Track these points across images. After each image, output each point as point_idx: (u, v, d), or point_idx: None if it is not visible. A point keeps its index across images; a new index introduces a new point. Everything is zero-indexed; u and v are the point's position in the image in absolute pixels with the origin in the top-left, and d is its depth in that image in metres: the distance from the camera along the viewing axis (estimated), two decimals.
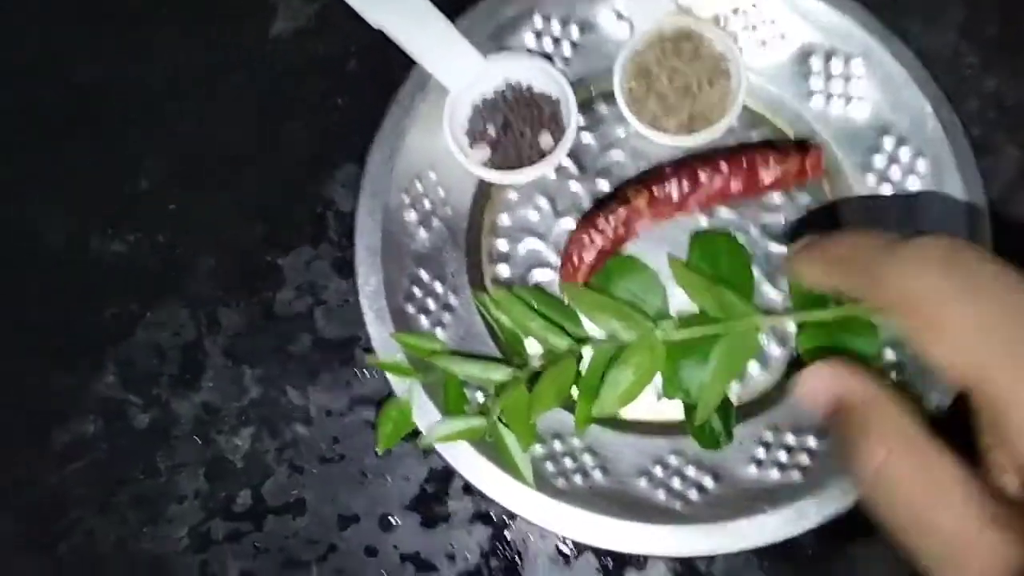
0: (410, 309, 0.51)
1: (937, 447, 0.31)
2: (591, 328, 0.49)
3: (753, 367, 0.50)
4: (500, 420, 0.48)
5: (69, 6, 0.59)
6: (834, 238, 0.37)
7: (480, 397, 0.50)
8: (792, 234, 0.52)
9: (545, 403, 0.47)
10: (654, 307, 0.49)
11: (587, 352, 0.48)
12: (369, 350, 0.51)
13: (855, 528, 0.49)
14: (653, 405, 0.50)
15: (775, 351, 0.51)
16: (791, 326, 0.50)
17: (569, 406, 0.49)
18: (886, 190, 0.51)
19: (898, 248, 0.33)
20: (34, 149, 0.58)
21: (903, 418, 0.32)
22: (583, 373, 0.48)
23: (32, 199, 0.57)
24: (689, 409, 0.48)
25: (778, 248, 0.52)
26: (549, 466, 0.49)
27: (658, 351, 0.47)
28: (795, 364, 0.51)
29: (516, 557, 0.51)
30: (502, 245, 0.54)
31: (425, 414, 0.49)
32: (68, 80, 0.58)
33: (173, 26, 0.59)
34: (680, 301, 0.49)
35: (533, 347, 0.50)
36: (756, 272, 0.51)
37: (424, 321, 0.51)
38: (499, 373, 0.48)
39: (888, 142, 0.51)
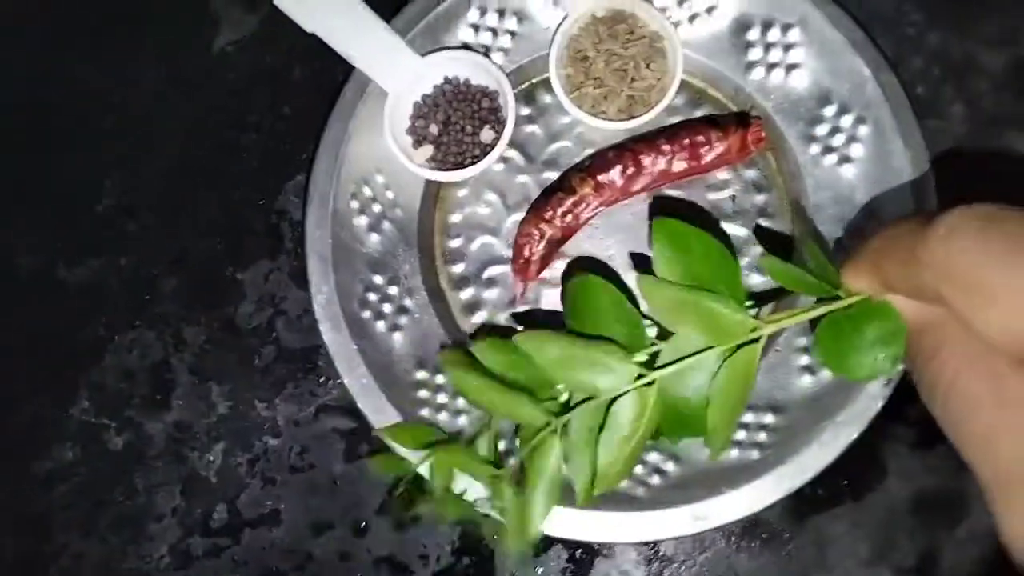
0: (366, 315, 0.52)
1: (1007, 360, 0.30)
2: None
3: None
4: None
5: (23, 31, 0.60)
6: (871, 239, 0.36)
7: None
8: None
9: (537, 512, 0.42)
10: (630, 332, 0.41)
11: (569, 415, 0.41)
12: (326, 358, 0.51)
13: (818, 502, 0.50)
14: None
15: None
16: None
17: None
18: (830, 159, 0.50)
19: (934, 223, 0.31)
20: None
21: (973, 336, 0.31)
22: (570, 438, 0.41)
23: None
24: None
25: (732, 228, 0.51)
26: (511, 462, 0.49)
27: (649, 397, 0.39)
28: None
29: (487, 553, 0.51)
30: (455, 243, 0.54)
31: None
32: (16, 106, 0.59)
33: (119, 48, 0.59)
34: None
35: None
36: None
37: (380, 325, 0.52)
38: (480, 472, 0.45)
39: (829, 110, 0.50)
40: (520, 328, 0.52)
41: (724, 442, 0.40)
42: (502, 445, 0.48)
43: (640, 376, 0.39)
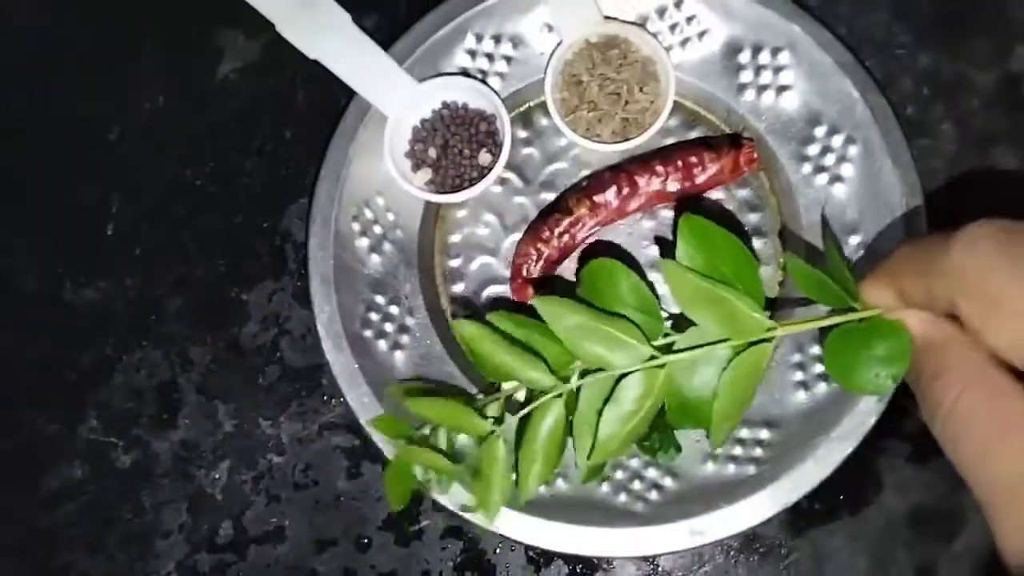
0: (367, 334, 0.53)
1: (1011, 383, 0.31)
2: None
3: None
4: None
5: (27, 59, 0.61)
6: (892, 255, 0.36)
7: None
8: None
9: (534, 470, 0.43)
10: (646, 319, 0.42)
11: (578, 382, 0.42)
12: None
13: (815, 516, 0.51)
14: None
15: None
16: None
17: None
18: (821, 179, 0.51)
19: (952, 238, 0.32)
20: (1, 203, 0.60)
21: (979, 355, 0.32)
22: (577, 407, 0.42)
23: (5, 251, 0.58)
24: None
25: None
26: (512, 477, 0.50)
27: (657, 378, 0.40)
28: None
29: (489, 568, 0.52)
30: (454, 263, 0.55)
31: None
32: (29, 131, 0.60)
33: (124, 76, 0.60)
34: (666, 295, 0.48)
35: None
36: None
37: (382, 344, 0.53)
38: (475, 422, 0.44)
39: (820, 130, 0.51)
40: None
41: (726, 435, 0.41)
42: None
43: (653, 358, 0.41)
